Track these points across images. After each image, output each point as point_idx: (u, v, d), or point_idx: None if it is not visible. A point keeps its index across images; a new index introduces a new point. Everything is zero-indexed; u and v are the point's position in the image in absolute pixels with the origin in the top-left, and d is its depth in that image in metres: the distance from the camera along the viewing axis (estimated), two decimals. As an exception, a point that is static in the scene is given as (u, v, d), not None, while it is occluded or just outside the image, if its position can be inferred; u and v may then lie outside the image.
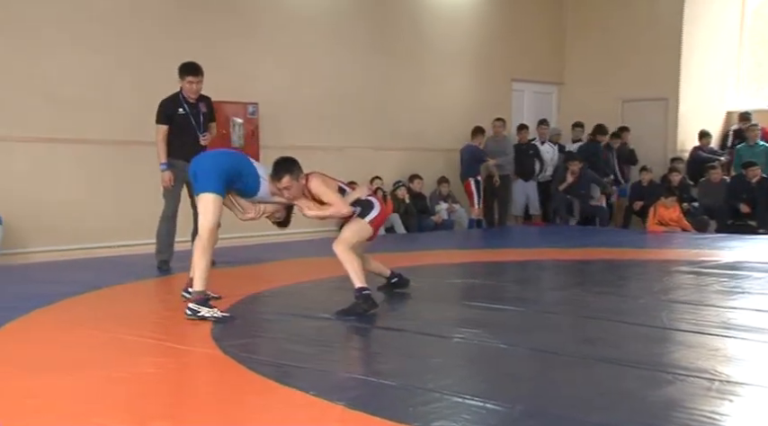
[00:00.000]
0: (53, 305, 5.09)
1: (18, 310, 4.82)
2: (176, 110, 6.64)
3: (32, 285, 5.88)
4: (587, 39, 13.20)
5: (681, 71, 12.44)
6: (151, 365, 3.66)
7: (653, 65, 12.46)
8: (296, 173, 4.95)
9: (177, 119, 6.63)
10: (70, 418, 2.92)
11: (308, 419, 2.94)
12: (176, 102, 6.67)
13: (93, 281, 5.92)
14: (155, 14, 8.53)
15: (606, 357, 3.83)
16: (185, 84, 6.60)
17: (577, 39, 13.35)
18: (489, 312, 5.00)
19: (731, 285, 6.04)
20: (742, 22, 13.29)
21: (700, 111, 12.76)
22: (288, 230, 5.84)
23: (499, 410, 3.00)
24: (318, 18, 10.11)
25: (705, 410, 3.01)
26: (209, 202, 4.72)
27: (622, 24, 12.76)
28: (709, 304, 5.24)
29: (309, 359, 3.78)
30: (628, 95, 12.78)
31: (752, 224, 10.66)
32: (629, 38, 12.70)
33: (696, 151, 12.28)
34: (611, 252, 8.28)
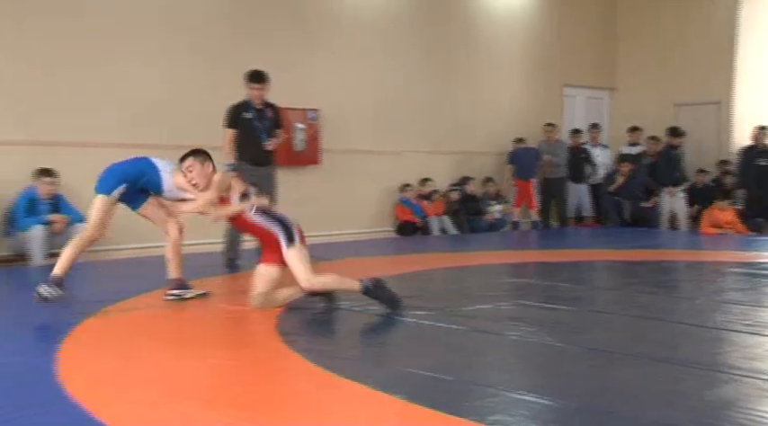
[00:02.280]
0: (131, 299, 5.23)
1: (101, 303, 4.95)
2: (242, 115, 6.75)
3: (115, 280, 6.04)
4: (639, 44, 12.94)
5: (735, 75, 12.09)
6: (222, 357, 3.73)
7: (706, 69, 12.15)
8: (200, 158, 4.99)
9: (243, 123, 6.74)
10: (150, 404, 2.99)
11: (369, 411, 2.95)
12: (243, 107, 6.79)
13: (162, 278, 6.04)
14: (225, 27, 8.72)
15: (661, 356, 3.75)
16: (250, 90, 6.75)
17: (630, 44, 13.11)
18: (544, 311, 4.94)
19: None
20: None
21: (755, 114, 12.35)
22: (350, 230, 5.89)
23: (554, 406, 2.96)
24: (375, 28, 10.15)
25: (761, 410, 2.92)
26: (96, 201, 4.97)
27: (675, 29, 12.48)
28: (763, 305, 5.09)
29: (369, 354, 3.80)
30: (680, 99, 12.49)
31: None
32: (682, 42, 12.42)
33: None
34: (664, 253, 8.11)
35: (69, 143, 7.60)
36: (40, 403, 2.98)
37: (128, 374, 3.45)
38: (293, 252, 4.75)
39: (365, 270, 6.60)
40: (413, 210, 10.19)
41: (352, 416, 2.89)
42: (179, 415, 2.86)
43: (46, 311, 5.04)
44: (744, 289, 5.83)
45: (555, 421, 2.81)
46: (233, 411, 2.88)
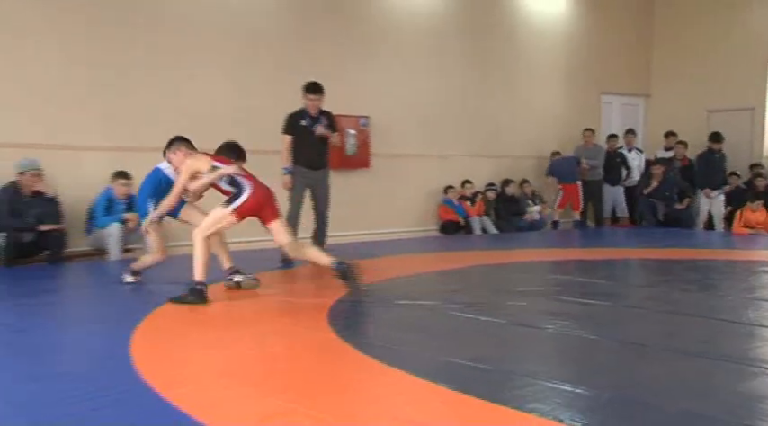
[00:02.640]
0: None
1: (170, 294, 5.05)
2: (299, 122, 6.86)
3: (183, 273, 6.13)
4: (674, 52, 12.67)
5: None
6: (276, 346, 3.77)
7: (739, 76, 11.83)
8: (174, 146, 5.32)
9: (299, 130, 6.86)
10: (212, 386, 3.04)
11: (415, 398, 2.95)
12: (300, 115, 6.90)
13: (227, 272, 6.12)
14: (285, 41, 8.83)
15: (693, 350, 3.66)
16: (306, 100, 6.87)
17: (664, 53, 12.84)
18: (580, 306, 4.86)
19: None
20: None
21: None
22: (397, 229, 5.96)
23: (588, 395, 2.91)
24: (422, 39, 10.15)
25: (791, 403, 2.83)
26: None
27: (710, 37, 12.18)
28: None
29: (414, 344, 3.79)
30: (714, 106, 12.19)
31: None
32: (715, 50, 12.12)
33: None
34: (697, 252, 7.91)
35: (142, 148, 7.77)
36: (115, 384, 3.06)
37: (192, 358, 3.51)
38: (220, 212, 5.06)
39: (410, 267, 6.61)
40: (455, 210, 10.15)
41: (399, 402, 2.89)
42: (238, 398, 2.90)
43: (121, 300, 5.17)
44: (775, 287, 5.66)
45: (588, 409, 2.76)
46: (287, 395, 2.90)
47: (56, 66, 7.34)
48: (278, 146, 7.73)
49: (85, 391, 2.95)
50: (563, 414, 2.67)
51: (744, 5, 11.97)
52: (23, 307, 4.70)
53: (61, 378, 3.17)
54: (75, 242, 7.16)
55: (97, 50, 7.55)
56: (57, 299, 5.30)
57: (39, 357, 3.58)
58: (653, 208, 10.99)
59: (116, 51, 7.65)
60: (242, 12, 8.56)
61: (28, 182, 6.70)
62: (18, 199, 6.66)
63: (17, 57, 7.16)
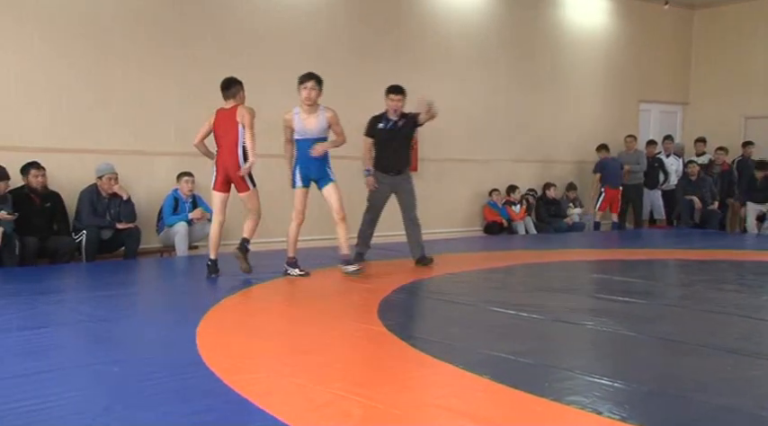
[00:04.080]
0: (256, 285, 5.40)
1: (232, 289, 5.14)
2: (378, 125, 6.48)
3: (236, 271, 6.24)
4: (712, 61, 12.31)
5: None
6: (330, 337, 3.78)
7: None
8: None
9: (378, 133, 6.47)
10: (269, 374, 3.07)
11: (459, 388, 2.93)
12: (380, 118, 6.53)
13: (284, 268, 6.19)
14: (341, 51, 8.88)
15: (730, 347, 3.54)
16: (388, 101, 6.46)
17: (703, 61, 12.50)
18: (618, 303, 4.76)
19: None
20: None
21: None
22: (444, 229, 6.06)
23: (626, 389, 2.84)
24: (470, 50, 10.10)
25: (828, 401, 2.71)
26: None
27: (746, 49, 11.80)
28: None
29: (458, 338, 3.76)
30: (750, 112, 11.80)
31: None
32: (751, 60, 11.74)
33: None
34: (733, 253, 7.65)
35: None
36: (181, 369, 3.11)
37: (253, 347, 3.56)
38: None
39: (456, 265, 6.57)
40: (499, 212, 10.06)
41: (444, 393, 2.87)
42: (294, 386, 2.92)
43: (189, 293, 5.28)
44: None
45: (626, 402, 2.69)
46: (340, 384, 2.91)
47: (131, 81, 7.54)
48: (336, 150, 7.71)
49: (154, 375, 3.01)
50: (602, 407, 2.61)
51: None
52: (103, 299, 4.84)
53: (134, 362, 3.25)
54: (148, 239, 7.33)
55: (165, 61, 7.72)
56: (132, 291, 5.43)
57: (115, 343, 3.68)
58: (690, 209, 10.70)
59: (183, 62, 7.80)
60: (302, 24, 8.63)
61: (105, 185, 6.89)
62: (98, 199, 6.87)
63: (98, 71, 7.37)
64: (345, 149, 7.49)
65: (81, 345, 3.71)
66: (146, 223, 7.28)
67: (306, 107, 5.74)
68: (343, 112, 8.69)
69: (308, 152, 5.73)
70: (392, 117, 6.46)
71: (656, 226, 11.48)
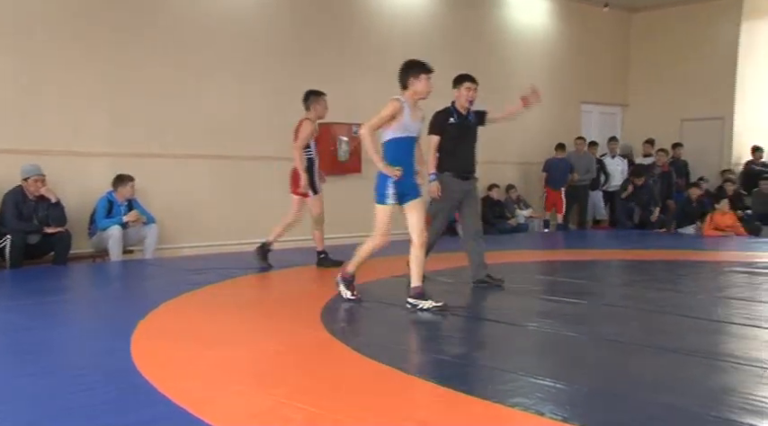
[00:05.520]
0: (196, 290, 5.29)
1: (170, 294, 5.03)
2: (448, 120, 5.73)
3: (181, 274, 6.12)
4: (650, 64, 12.77)
5: (736, 93, 11.88)
6: (272, 343, 3.74)
7: (710, 87, 11.96)
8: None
9: (450, 129, 5.70)
10: (206, 382, 3.02)
11: (403, 392, 2.94)
12: (448, 112, 5.77)
13: (226, 272, 6.11)
14: (283, 53, 8.81)
15: (667, 346, 3.67)
16: (463, 90, 5.68)
17: (640, 66, 12.94)
18: (561, 304, 4.87)
19: (782, 284, 5.69)
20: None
21: (753, 128, 12.13)
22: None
23: (569, 390, 2.91)
24: (411, 50, 9.94)
25: (757, 395, 2.84)
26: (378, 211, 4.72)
27: (683, 50, 12.30)
28: (761, 300, 4.95)
29: (403, 342, 3.79)
30: (686, 115, 12.29)
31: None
32: (687, 63, 12.22)
33: (749, 164, 11.69)
34: (671, 253, 7.94)
35: (143, 154, 7.76)
36: (115, 379, 3.03)
37: (190, 355, 3.49)
38: None
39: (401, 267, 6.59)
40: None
41: (388, 398, 2.88)
42: (233, 394, 2.88)
43: (123, 300, 5.14)
44: (743, 286, 5.68)
45: (568, 403, 2.76)
46: (281, 391, 2.89)
47: (61, 74, 7.29)
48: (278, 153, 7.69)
49: (86, 386, 2.92)
50: (544, 408, 2.67)
51: (712, 20, 12.07)
52: (30, 307, 4.67)
53: (64, 374, 3.15)
54: (79, 244, 7.10)
55: (101, 57, 7.51)
56: (61, 299, 5.26)
57: (43, 354, 3.55)
58: (630, 212, 11.06)
59: (120, 59, 7.61)
60: (244, 21, 8.54)
61: (32, 187, 6.65)
62: (23, 202, 6.62)
63: (23, 64, 7.10)
64: (266, 149, 7.46)
65: (4, 357, 3.56)
66: (77, 227, 7.05)
67: (414, 101, 4.86)
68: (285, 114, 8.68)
69: (409, 154, 4.76)
70: (463, 111, 5.72)
71: (598, 226, 11.81)
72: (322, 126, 8.97)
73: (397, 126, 4.67)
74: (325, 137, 9.04)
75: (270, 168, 8.63)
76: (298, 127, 6.42)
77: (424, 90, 4.81)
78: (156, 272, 6.46)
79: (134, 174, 7.27)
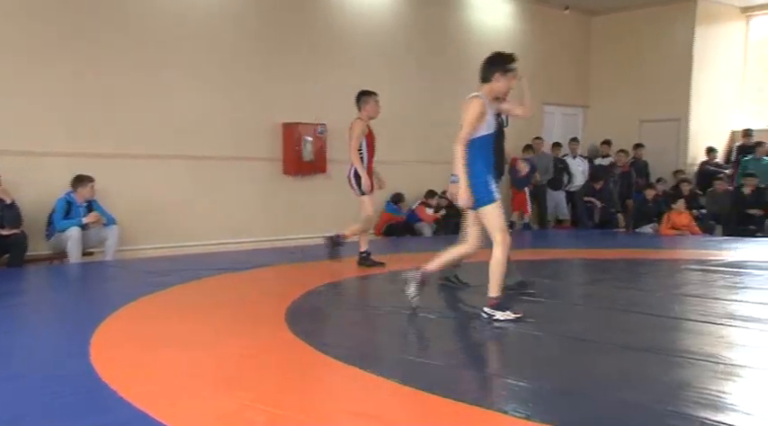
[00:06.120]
0: (158, 293, 5.20)
1: (131, 296, 4.94)
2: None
3: (142, 276, 6.03)
4: (610, 67, 12.99)
5: (691, 95, 12.18)
6: (235, 345, 3.70)
7: (667, 90, 12.22)
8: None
9: None
10: (169, 386, 2.98)
11: (367, 393, 2.94)
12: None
13: (189, 274, 6.03)
14: (247, 53, 8.72)
15: (626, 343, 3.74)
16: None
17: (601, 68, 13.16)
18: (524, 303, 4.92)
19: (735, 281, 5.85)
20: (745, 52, 12.93)
21: (708, 130, 12.46)
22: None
23: (531, 387, 2.95)
24: (378, 50, 10.19)
25: (712, 389, 2.92)
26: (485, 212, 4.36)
27: (641, 53, 12.53)
28: (715, 297, 5.07)
29: (367, 342, 3.79)
30: (645, 116, 12.54)
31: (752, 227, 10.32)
32: (646, 66, 12.47)
33: (704, 165, 11.98)
34: (630, 252, 8.09)
35: (102, 154, 7.62)
36: (74, 383, 2.97)
37: (151, 358, 3.43)
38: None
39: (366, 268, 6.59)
40: (398, 215, 10.14)
41: (353, 397, 2.88)
42: (196, 397, 2.85)
43: (82, 302, 5.04)
44: (698, 284, 5.82)
45: (531, 401, 2.79)
46: (245, 393, 2.86)
47: (19, 72, 7.11)
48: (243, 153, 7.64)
49: (43, 391, 2.86)
50: (507, 406, 2.69)
51: (668, 25, 12.33)
52: (-16, 310, 4.54)
53: (20, 378, 3.07)
54: (36, 246, 6.94)
55: (61, 56, 7.35)
56: (17, 302, 5.11)
57: (1, 359, 3.46)
58: (590, 212, 11.23)
59: (81, 58, 7.45)
60: (208, 19, 8.43)
61: (-15, 188, 6.47)
62: (-22, 204, 6.43)
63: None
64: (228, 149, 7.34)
65: (-41, 362, 3.46)
66: (34, 228, 6.88)
67: (492, 97, 4.53)
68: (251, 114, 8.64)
69: (492, 151, 4.53)
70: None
71: (560, 226, 11.98)
72: (287, 126, 8.97)
73: (482, 125, 4.41)
74: (291, 137, 9.01)
75: (235, 168, 8.59)
76: (350, 128, 6.47)
77: (503, 89, 4.56)
78: (117, 274, 6.34)
79: (96, 175, 7.13)
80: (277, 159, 9.01)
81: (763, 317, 4.35)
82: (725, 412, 2.65)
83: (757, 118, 12.75)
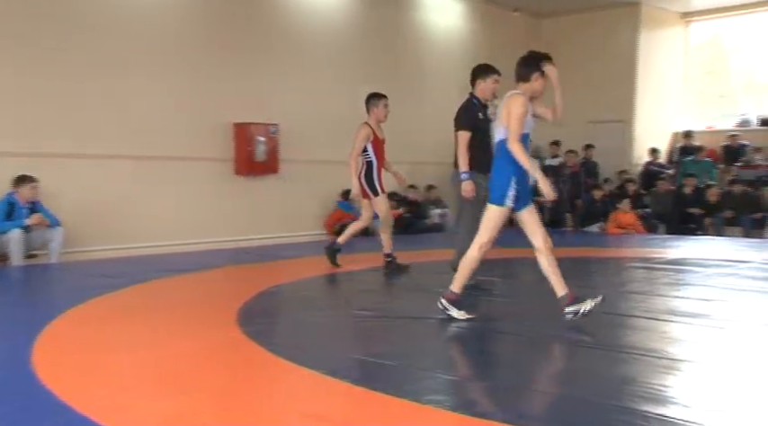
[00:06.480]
0: (105, 295, 5.08)
1: (76, 299, 4.81)
2: (477, 115, 5.37)
3: (89, 278, 5.88)
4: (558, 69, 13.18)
5: (636, 97, 12.52)
6: (185, 347, 3.65)
7: (613, 92, 12.53)
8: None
9: (479, 124, 5.31)
10: (112, 390, 2.91)
11: (319, 393, 2.93)
12: (475, 107, 5.41)
13: (138, 276, 5.91)
14: (197, 51, 8.57)
15: (572, 339, 3.82)
16: (492, 85, 5.38)
17: (551, 67, 13.38)
18: (474, 302, 4.97)
19: (677, 278, 6.03)
20: (686, 56, 13.35)
21: (651, 131, 12.82)
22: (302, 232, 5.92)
23: (481, 385, 2.99)
24: (330, 49, 10.15)
25: (654, 383, 3.00)
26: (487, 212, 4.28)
27: (588, 58, 12.79)
28: (658, 294, 5.23)
29: (319, 343, 3.77)
30: (592, 118, 12.81)
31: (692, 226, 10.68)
32: (593, 69, 12.74)
33: (648, 165, 12.32)
34: (578, 250, 8.26)
35: (51, 154, 7.39)
36: (16, 390, 2.88)
37: (96, 362, 3.35)
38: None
39: (317, 269, 6.56)
40: (350, 211, 10.12)
41: (304, 399, 2.87)
42: (142, 400, 2.79)
43: (23, 306, 4.88)
44: (642, 281, 5.99)
45: (479, 398, 2.83)
46: (194, 395, 2.82)
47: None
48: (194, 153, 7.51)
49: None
50: (458, 405, 2.72)
51: (613, 28, 12.65)
52: None
53: (-41, 387, 2.96)
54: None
55: (5, 53, 7.10)
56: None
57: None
58: (540, 211, 11.42)
59: (26, 55, 7.21)
60: (157, 17, 8.26)
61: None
62: None
63: None
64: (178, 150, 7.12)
65: None
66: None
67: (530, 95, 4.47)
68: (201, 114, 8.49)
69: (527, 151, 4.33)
70: (484, 103, 5.40)
71: (511, 225, 12.12)
72: (239, 126, 8.85)
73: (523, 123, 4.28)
74: (243, 137, 8.91)
75: (185, 169, 8.44)
76: (357, 132, 6.34)
77: (541, 90, 4.52)
78: (62, 277, 6.17)
79: (42, 175, 6.92)
80: (229, 159, 8.90)
81: (703, 313, 4.50)
82: (666, 405, 2.73)
83: (698, 120, 13.19)
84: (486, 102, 5.39)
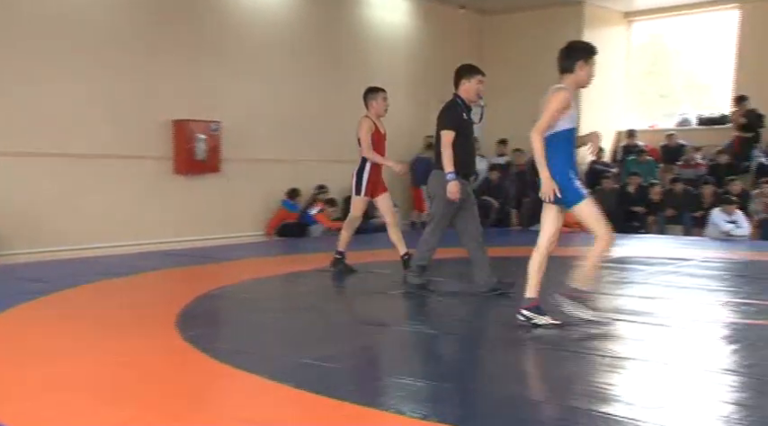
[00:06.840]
0: (34, 301, 4.90)
1: (1, 305, 4.62)
2: (462, 115, 5.30)
3: (16, 283, 5.66)
4: (503, 68, 13.36)
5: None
6: (120, 354, 3.55)
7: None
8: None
9: (463, 125, 5.27)
10: (44, 400, 2.81)
11: (261, 399, 2.89)
12: (460, 107, 5.33)
13: (70, 280, 5.72)
14: (134, 45, 8.31)
15: (517, 339, 3.88)
16: (474, 83, 5.35)
17: (495, 67, 13.47)
18: (421, 303, 5.01)
19: (621, 276, 6.20)
20: (628, 56, 13.74)
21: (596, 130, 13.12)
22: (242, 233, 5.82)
23: (428, 386, 2.99)
24: (273, 46, 10.04)
25: (599, 381, 3.07)
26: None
27: (532, 56, 13.00)
28: (603, 292, 5.35)
29: (262, 346, 3.72)
30: (538, 116, 12.99)
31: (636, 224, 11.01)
32: (538, 67, 12.86)
33: (593, 164, 12.63)
34: (525, 249, 8.38)
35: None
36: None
37: (26, 371, 3.23)
38: None
39: (258, 270, 6.50)
40: (295, 212, 10.05)
41: (247, 405, 2.82)
42: (77, 411, 2.70)
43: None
44: (588, 279, 6.11)
45: (428, 400, 2.84)
46: (131, 404, 2.74)
47: None
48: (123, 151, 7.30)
49: None
50: (405, 407, 2.72)
51: (557, 27, 12.86)
52: None
53: None
54: None
55: None
56: None
57: None
58: (486, 210, 11.59)
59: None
60: (86, 10, 7.99)
61: None
62: None
63: None
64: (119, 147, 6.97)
65: None
66: None
67: (576, 89, 4.38)
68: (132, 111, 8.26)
69: (574, 146, 4.37)
70: (470, 104, 5.40)
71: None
72: (178, 123, 8.67)
73: (565, 118, 4.25)
74: (182, 135, 8.72)
75: (120, 167, 8.22)
76: (358, 127, 6.24)
77: (587, 79, 4.35)
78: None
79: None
80: (167, 158, 8.70)
81: (646, 311, 4.64)
82: (610, 403, 2.79)
83: (640, 119, 13.60)
84: (471, 104, 5.39)
